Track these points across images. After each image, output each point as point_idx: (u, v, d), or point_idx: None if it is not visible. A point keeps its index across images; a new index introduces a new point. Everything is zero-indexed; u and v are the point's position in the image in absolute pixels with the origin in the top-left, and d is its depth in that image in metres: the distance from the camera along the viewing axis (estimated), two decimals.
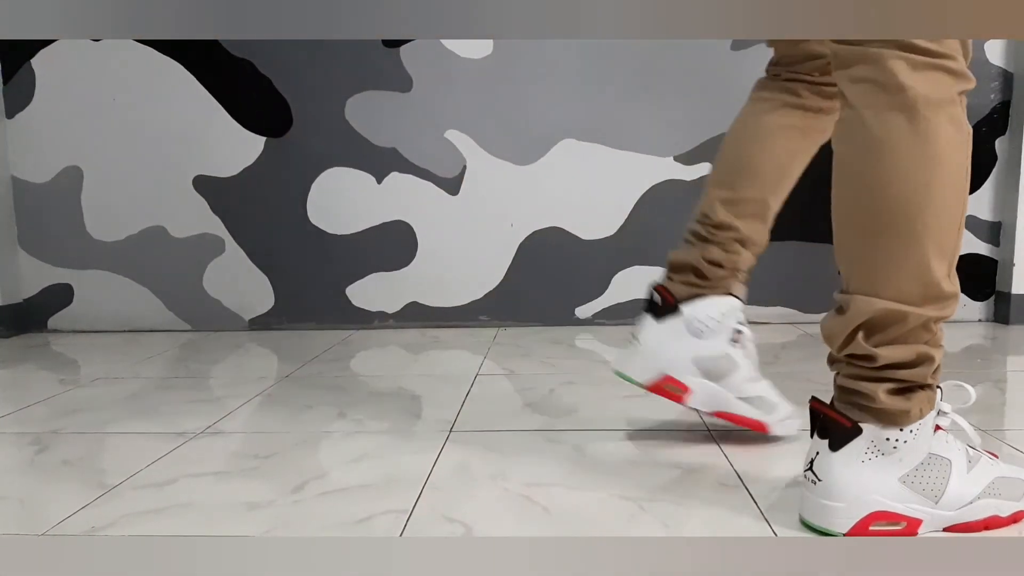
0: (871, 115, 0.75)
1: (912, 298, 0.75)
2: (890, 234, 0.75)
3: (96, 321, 2.23)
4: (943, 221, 0.75)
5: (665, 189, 2.10)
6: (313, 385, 1.52)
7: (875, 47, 0.75)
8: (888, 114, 0.74)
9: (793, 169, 1.08)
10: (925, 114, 0.73)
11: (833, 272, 2.30)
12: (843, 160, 0.80)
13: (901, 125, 0.74)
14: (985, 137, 2.05)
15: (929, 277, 0.75)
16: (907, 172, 0.74)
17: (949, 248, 0.76)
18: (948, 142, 0.74)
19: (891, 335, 0.77)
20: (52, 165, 2.18)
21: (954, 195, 0.75)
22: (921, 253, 0.74)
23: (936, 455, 0.80)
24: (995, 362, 1.62)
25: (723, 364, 1.07)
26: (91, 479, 1.02)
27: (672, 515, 0.87)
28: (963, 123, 0.75)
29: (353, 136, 2.11)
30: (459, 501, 0.92)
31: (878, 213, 0.76)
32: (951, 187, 0.74)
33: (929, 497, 0.80)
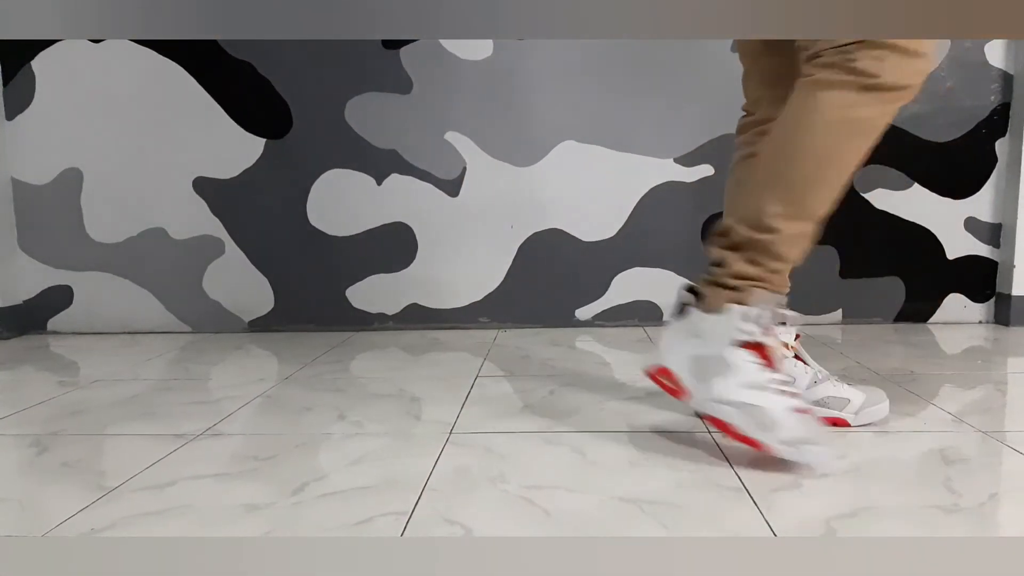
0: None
1: (745, 218, 1.02)
2: (757, 165, 1.05)
3: (96, 323, 2.23)
4: (786, 169, 1.01)
5: (665, 191, 2.10)
6: (313, 387, 1.52)
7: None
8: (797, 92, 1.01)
9: None
10: (817, 95, 0.98)
11: (831, 273, 2.31)
12: None
13: (802, 95, 1.00)
14: (985, 139, 2.05)
15: (758, 206, 1.01)
16: (786, 124, 1.02)
17: (787, 194, 1.00)
18: (827, 120, 0.98)
19: (724, 240, 1.04)
20: (52, 167, 2.18)
21: (806, 156, 1.00)
22: (759, 183, 1.02)
23: (723, 358, 1.01)
24: (996, 364, 1.62)
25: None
26: (91, 481, 1.02)
27: (672, 517, 0.87)
28: (855, 114, 0.98)
29: (353, 138, 2.11)
30: (459, 503, 0.92)
31: (764, 150, 1.05)
32: (805, 149, 1.00)
33: (698, 378, 1.03)
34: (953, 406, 1.28)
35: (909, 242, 2.10)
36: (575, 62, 2.05)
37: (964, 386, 1.42)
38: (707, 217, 2.10)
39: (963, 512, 0.86)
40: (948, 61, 2.01)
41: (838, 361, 1.65)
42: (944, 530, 0.82)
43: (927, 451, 1.06)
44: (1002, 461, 1.02)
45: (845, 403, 1.13)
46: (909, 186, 2.07)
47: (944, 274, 2.11)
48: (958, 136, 2.05)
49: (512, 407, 1.34)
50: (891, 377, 1.49)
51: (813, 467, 0.99)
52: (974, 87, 2.02)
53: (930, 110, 2.03)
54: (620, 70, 2.05)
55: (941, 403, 1.30)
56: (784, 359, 1.02)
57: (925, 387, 1.41)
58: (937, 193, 2.08)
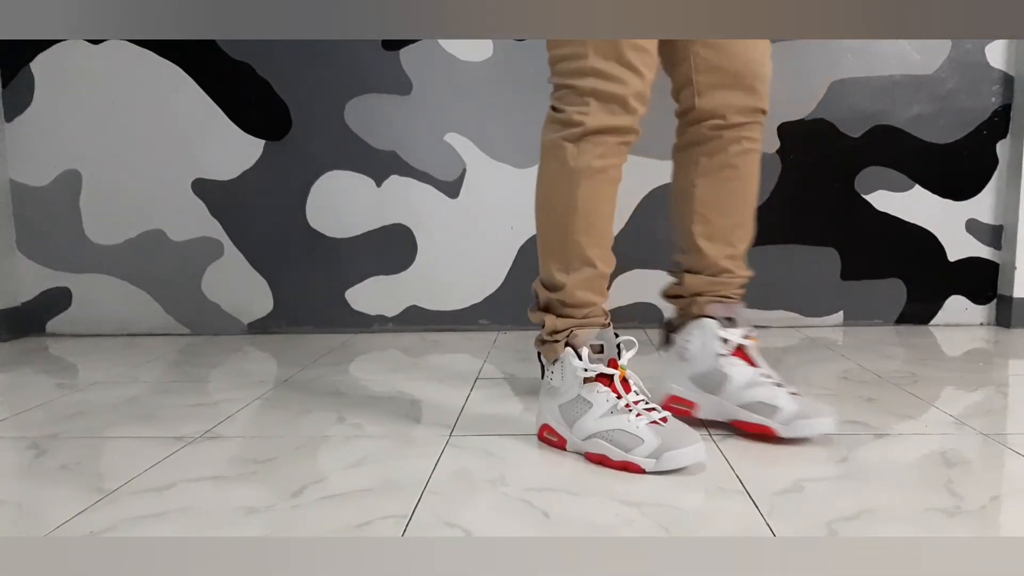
0: None
1: (543, 280, 1.14)
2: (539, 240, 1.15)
3: (94, 325, 2.23)
4: (548, 231, 1.11)
5: (665, 192, 2.09)
6: (312, 389, 1.52)
7: None
8: None
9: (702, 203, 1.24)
10: (543, 154, 1.12)
11: (832, 275, 2.31)
12: None
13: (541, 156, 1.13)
14: (986, 140, 2.05)
15: (545, 268, 1.13)
16: (536, 189, 1.14)
17: (558, 250, 1.10)
18: (551, 176, 1.10)
19: (537, 304, 1.16)
20: (51, 168, 2.17)
21: (553, 215, 1.10)
22: (540, 248, 1.14)
23: (582, 398, 1.07)
24: (997, 366, 1.61)
25: (714, 378, 1.18)
26: (89, 483, 1.01)
27: (672, 518, 0.86)
28: (571, 163, 1.06)
29: (352, 139, 2.11)
30: (459, 506, 0.91)
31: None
32: (550, 208, 1.10)
33: (568, 424, 1.09)
34: (954, 408, 1.28)
35: (910, 244, 2.10)
36: None
37: (965, 388, 1.41)
38: None
39: (964, 515, 0.86)
40: (948, 62, 2.01)
41: (839, 363, 1.65)
42: (945, 533, 0.82)
43: (928, 453, 1.06)
44: (1004, 464, 1.02)
45: (774, 412, 1.11)
46: (910, 188, 2.07)
47: (945, 276, 2.11)
48: (959, 138, 2.04)
49: (512, 409, 1.33)
50: (892, 379, 1.49)
51: (681, 468, 1.00)
52: (975, 89, 2.02)
53: (931, 112, 2.03)
54: None
55: (942, 405, 1.30)
56: (628, 379, 1.08)
57: (926, 389, 1.41)
58: (938, 195, 2.08)
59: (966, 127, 2.04)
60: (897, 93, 2.03)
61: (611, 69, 1.01)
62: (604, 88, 1.01)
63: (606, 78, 1.01)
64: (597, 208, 1.08)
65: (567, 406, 1.09)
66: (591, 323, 1.10)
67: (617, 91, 1.01)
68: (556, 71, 1.07)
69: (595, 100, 1.02)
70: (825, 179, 2.08)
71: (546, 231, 1.12)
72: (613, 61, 1.00)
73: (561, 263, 1.10)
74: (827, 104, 2.04)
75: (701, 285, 1.21)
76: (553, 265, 1.11)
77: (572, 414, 1.08)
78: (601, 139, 1.04)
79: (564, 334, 1.10)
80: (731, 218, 1.19)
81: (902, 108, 2.04)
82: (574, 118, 1.03)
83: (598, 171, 1.06)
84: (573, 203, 1.07)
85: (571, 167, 1.06)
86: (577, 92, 1.03)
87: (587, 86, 1.02)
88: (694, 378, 1.20)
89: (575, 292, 1.09)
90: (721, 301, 1.20)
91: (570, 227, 1.08)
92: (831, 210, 2.09)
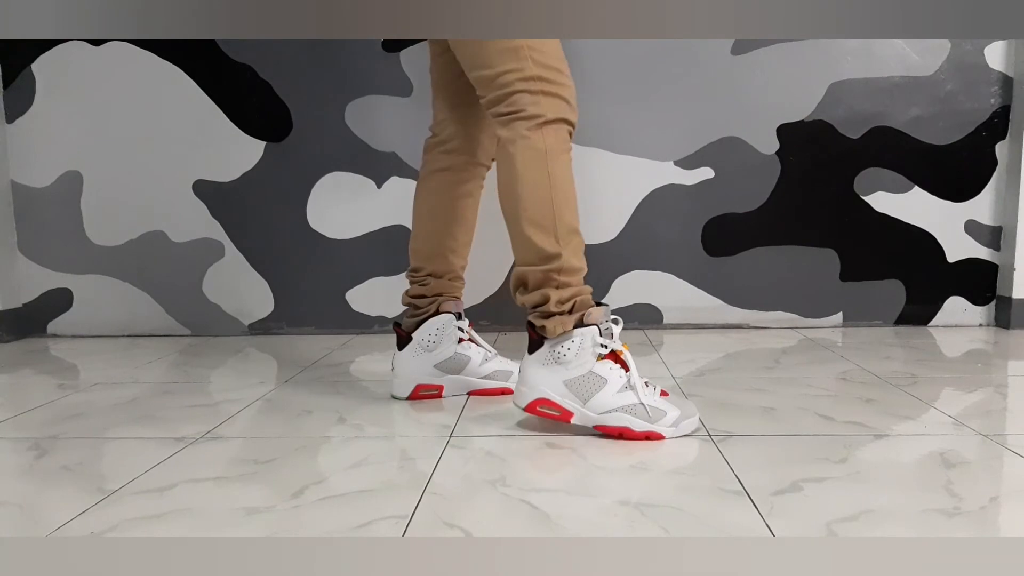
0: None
1: (531, 261, 1.18)
2: (508, 223, 1.20)
3: (95, 326, 2.23)
4: (533, 209, 1.16)
5: (665, 194, 2.10)
6: (313, 390, 1.52)
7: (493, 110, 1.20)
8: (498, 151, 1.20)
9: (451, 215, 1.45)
10: (509, 149, 1.17)
11: (832, 276, 2.31)
12: None
13: (500, 157, 1.20)
14: (985, 141, 2.05)
15: (535, 246, 1.16)
16: (505, 183, 1.19)
17: (548, 223, 1.16)
18: (524, 161, 1.16)
19: (528, 287, 1.19)
20: (52, 170, 2.18)
21: (536, 192, 1.16)
22: (523, 232, 1.17)
23: (595, 373, 1.15)
24: (996, 367, 1.61)
25: (458, 361, 1.42)
26: (90, 484, 1.01)
27: (672, 519, 0.86)
28: (539, 146, 1.15)
29: (353, 140, 2.11)
30: (459, 507, 0.92)
31: (505, 211, 1.20)
32: (531, 188, 1.16)
33: (580, 399, 1.15)
34: (954, 409, 1.28)
35: (909, 245, 2.10)
36: (575, 64, 2.04)
37: (964, 389, 1.42)
38: (707, 220, 2.10)
39: (964, 515, 0.86)
40: (947, 63, 2.02)
41: (838, 364, 1.65)
42: (945, 533, 0.82)
43: (928, 454, 1.06)
44: (1003, 464, 1.02)
45: (509, 375, 1.44)
46: (909, 189, 2.07)
47: (944, 277, 2.11)
48: (958, 139, 2.05)
49: (512, 410, 1.34)
50: (891, 380, 1.49)
51: (689, 432, 1.16)
52: (974, 90, 2.03)
53: (930, 113, 2.04)
54: (620, 73, 2.05)
55: (942, 406, 1.30)
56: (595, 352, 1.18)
57: (925, 390, 1.41)
58: (937, 196, 2.08)
59: (965, 128, 2.04)
60: (896, 94, 2.03)
61: (550, 75, 1.16)
62: (551, 89, 1.16)
63: (549, 83, 1.16)
64: (568, 184, 1.19)
65: (577, 381, 1.16)
66: (589, 295, 1.20)
67: (560, 92, 1.17)
68: (500, 83, 1.18)
69: (545, 97, 1.16)
70: (824, 180, 2.08)
71: (530, 211, 1.18)
72: (549, 70, 1.16)
73: (549, 234, 1.17)
74: (826, 105, 2.04)
75: (450, 286, 1.45)
76: (543, 241, 1.17)
77: (585, 390, 1.15)
78: (558, 126, 1.18)
79: (570, 304, 1.17)
80: None
81: (901, 109, 2.04)
82: (534, 112, 1.16)
83: (560, 152, 1.18)
84: (548, 178, 1.17)
85: (541, 149, 1.16)
86: (529, 93, 1.16)
87: (535, 88, 1.16)
88: (439, 364, 1.42)
89: (571, 259, 1.18)
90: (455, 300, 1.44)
91: (550, 199, 1.17)
92: (830, 211, 2.09)
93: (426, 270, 1.43)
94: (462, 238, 1.46)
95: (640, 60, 2.04)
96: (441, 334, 1.41)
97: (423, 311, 1.43)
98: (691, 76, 2.05)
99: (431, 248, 1.43)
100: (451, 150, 1.41)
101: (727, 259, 2.12)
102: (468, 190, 1.44)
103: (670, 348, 1.87)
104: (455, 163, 1.41)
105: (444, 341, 1.41)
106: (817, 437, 1.14)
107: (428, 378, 1.42)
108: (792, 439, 1.14)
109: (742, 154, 2.07)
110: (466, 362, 1.42)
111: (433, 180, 1.43)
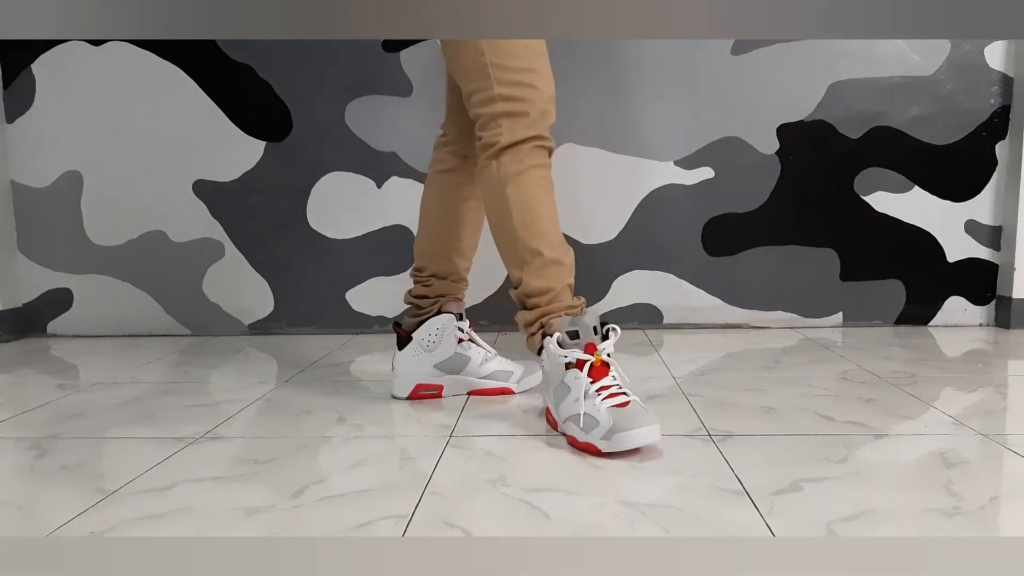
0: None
1: (512, 284, 1.25)
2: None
3: (95, 326, 2.23)
4: (499, 238, 1.23)
5: (666, 193, 2.10)
6: (312, 390, 1.52)
7: None
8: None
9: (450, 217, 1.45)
10: (479, 178, 1.24)
11: (832, 276, 2.31)
12: None
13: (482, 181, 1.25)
14: (985, 141, 2.05)
15: (510, 276, 1.24)
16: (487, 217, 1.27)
17: (509, 250, 1.22)
18: (485, 192, 1.24)
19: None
20: (52, 170, 2.18)
21: (497, 221, 1.22)
22: (505, 265, 1.25)
23: (564, 383, 1.16)
24: (996, 367, 1.61)
25: (458, 361, 1.43)
26: (90, 484, 1.02)
27: (672, 519, 0.86)
28: (495, 175, 1.20)
29: (353, 140, 2.11)
30: (459, 506, 0.92)
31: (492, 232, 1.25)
32: (495, 217, 1.23)
33: (555, 407, 1.18)
34: (954, 409, 1.28)
35: (909, 245, 2.10)
36: (575, 65, 2.05)
37: (964, 389, 1.42)
38: (707, 220, 2.10)
39: (964, 515, 0.86)
40: (947, 63, 2.02)
41: (838, 364, 1.65)
42: (945, 533, 0.82)
43: (928, 454, 1.06)
44: (1003, 464, 1.02)
45: (509, 375, 1.45)
46: (909, 189, 2.07)
47: (944, 277, 2.11)
48: (958, 139, 2.05)
49: (512, 410, 1.34)
50: (891, 380, 1.49)
51: (634, 447, 1.06)
52: (974, 90, 2.03)
53: (930, 113, 2.04)
54: (620, 73, 2.05)
55: (942, 406, 1.30)
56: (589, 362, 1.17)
57: (926, 390, 1.41)
58: (937, 196, 2.08)
59: (965, 128, 2.04)
60: (896, 94, 2.03)
61: (511, 92, 1.17)
62: (511, 109, 1.17)
63: (509, 101, 1.17)
64: (529, 204, 1.20)
65: (556, 391, 1.18)
66: (557, 308, 1.21)
67: (521, 108, 1.17)
68: (471, 104, 1.22)
69: (506, 119, 1.18)
70: (824, 180, 2.08)
71: (498, 241, 1.25)
72: (508, 87, 1.17)
73: (514, 261, 1.23)
74: (826, 105, 2.04)
75: (453, 288, 1.46)
76: (510, 266, 1.24)
77: (558, 398, 1.18)
78: (515, 149, 1.19)
79: (536, 325, 1.22)
80: None
81: (901, 109, 2.04)
82: (491, 140, 1.20)
83: (518, 173, 1.19)
84: (506, 205, 1.20)
85: (498, 177, 1.21)
86: (490, 117, 1.19)
87: (497, 110, 1.18)
88: (439, 365, 1.42)
89: (531, 282, 1.21)
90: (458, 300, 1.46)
91: (510, 226, 1.21)
92: (830, 211, 2.09)
93: (430, 270, 1.44)
94: (467, 240, 1.46)
95: (640, 60, 2.04)
96: (441, 334, 1.42)
97: (425, 311, 1.44)
98: (691, 76, 2.05)
99: (436, 249, 1.44)
100: (456, 152, 1.42)
101: (727, 259, 2.12)
102: (472, 192, 1.44)
103: (670, 348, 1.87)
104: (459, 165, 1.43)
105: (444, 341, 1.42)
106: (817, 437, 1.14)
107: (428, 378, 1.43)
108: (792, 439, 1.14)
109: (742, 154, 2.07)
110: (466, 362, 1.43)
111: (439, 180, 1.44)
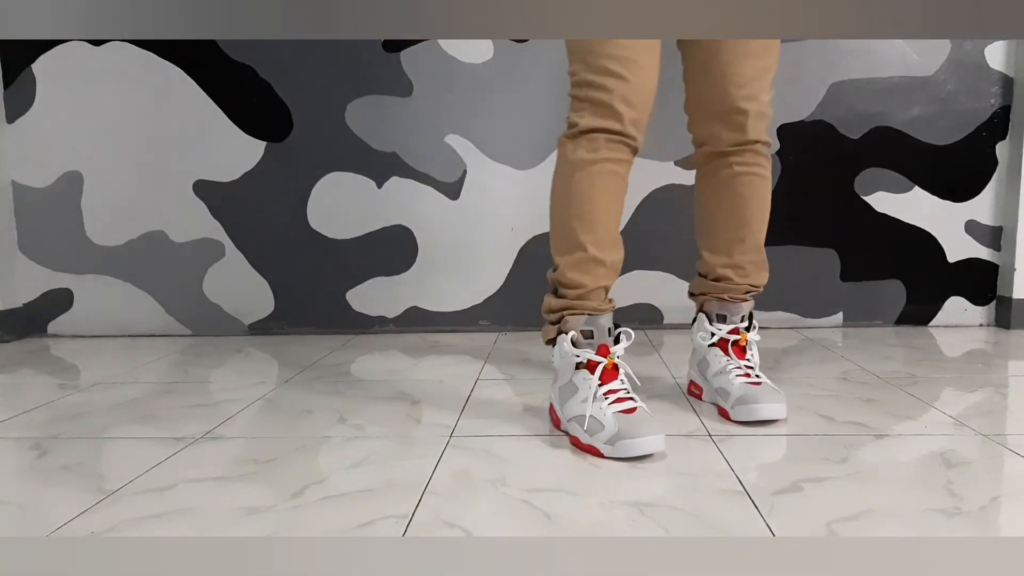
0: None
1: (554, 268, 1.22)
2: None
3: (96, 326, 2.23)
4: (554, 215, 1.21)
5: (666, 194, 2.10)
6: (313, 390, 1.52)
7: None
8: None
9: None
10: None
11: (832, 276, 2.30)
12: None
13: None
14: (986, 142, 2.05)
15: (554, 257, 1.22)
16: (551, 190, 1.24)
17: (559, 231, 1.20)
18: (557, 169, 1.20)
19: None
20: (52, 170, 2.18)
21: (557, 200, 1.21)
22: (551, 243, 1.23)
23: (572, 383, 1.16)
24: (996, 367, 1.61)
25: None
26: (91, 484, 1.02)
27: (672, 519, 0.86)
28: (569, 157, 1.18)
29: (353, 140, 2.11)
30: (459, 506, 0.92)
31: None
32: (556, 196, 1.21)
33: (560, 405, 1.19)
34: (954, 409, 1.28)
35: (910, 245, 2.10)
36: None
37: (965, 389, 1.42)
38: None
39: (964, 515, 0.86)
40: (948, 63, 2.02)
41: (839, 364, 1.65)
42: (945, 533, 0.82)
43: (928, 454, 1.06)
44: (1003, 464, 1.02)
45: (726, 395, 1.27)
46: (910, 189, 2.07)
47: (945, 277, 2.11)
48: (958, 139, 2.05)
49: (513, 410, 1.34)
50: (892, 380, 1.49)
51: (637, 456, 1.05)
52: (974, 90, 2.03)
53: (930, 113, 2.04)
54: None
55: (942, 406, 1.30)
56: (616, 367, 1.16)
57: (926, 390, 1.41)
58: (938, 196, 2.08)
59: (965, 128, 2.04)
60: (896, 94, 2.03)
61: (596, 78, 1.13)
62: (594, 95, 1.14)
63: (593, 87, 1.14)
64: (592, 197, 1.17)
65: (562, 388, 1.19)
66: (582, 307, 1.18)
67: (603, 97, 1.13)
68: (570, 83, 1.20)
69: (590, 105, 1.15)
70: (825, 180, 2.08)
71: (552, 219, 1.23)
72: (596, 73, 1.13)
73: (558, 246, 1.21)
74: (827, 105, 2.04)
75: (702, 287, 1.40)
76: (554, 249, 1.22)
77: (564, 396, 1.18)
78: (592, 136, 1.16)
79: (556, 315, 1.21)
80: (729, 233, 1.34)
81: (901, 109, 2.04)
82: (573, 120, 1.17)
83: (590, 162, 1.16)
84: (568, 191, 1.18)
85: (568, 160, 1.18)
86: (578, 100, 1.17)
87: (583, 95, 1.16)
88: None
89: (566, 272, 1.19)
90: (717, 299, 1.36)
91: (565, 213, 1.19)
92: (831, 211, 2.09)
93: (697, 270, 1.42)
94: (718, 235, 1.37)
95: None
96: (695, 334, 1.41)
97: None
98: None
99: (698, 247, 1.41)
100: (695, 145, 1.36)
101: None
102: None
103: (670, 348, 1.87)
104: (700, 158, 1.37)
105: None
106: (817, 437, 1.14)
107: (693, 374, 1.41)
108: (792, 439, 1.14)
109: None
110: (705, 368, 1.36)
111: (696, 174, 1.40)
